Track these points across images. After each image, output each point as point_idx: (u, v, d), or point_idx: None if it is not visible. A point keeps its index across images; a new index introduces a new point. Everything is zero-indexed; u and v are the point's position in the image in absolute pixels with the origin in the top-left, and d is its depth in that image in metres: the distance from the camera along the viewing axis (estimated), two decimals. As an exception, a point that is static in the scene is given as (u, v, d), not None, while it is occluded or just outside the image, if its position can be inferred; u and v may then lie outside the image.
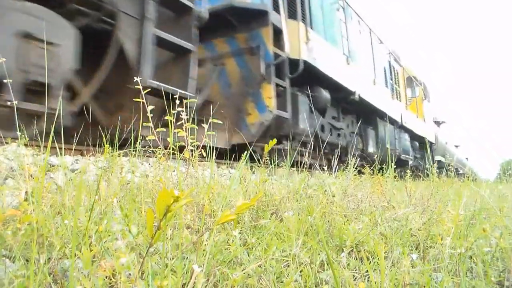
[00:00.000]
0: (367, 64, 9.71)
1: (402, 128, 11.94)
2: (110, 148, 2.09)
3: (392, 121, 10.77)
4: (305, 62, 6.31)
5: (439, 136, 17.22)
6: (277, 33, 6.08)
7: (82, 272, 0.92)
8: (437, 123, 18.00)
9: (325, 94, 7.24)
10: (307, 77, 6.67)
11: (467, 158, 22.69)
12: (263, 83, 5.78)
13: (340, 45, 8.19)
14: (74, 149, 2.70)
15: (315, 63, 6.61)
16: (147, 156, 3.29)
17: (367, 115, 9.80)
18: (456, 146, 21.75)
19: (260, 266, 1.11)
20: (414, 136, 13.24)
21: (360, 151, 8.80)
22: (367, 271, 1.22)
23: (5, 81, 1.62)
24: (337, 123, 8.19)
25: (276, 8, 6.15)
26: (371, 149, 9.50)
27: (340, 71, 7.73)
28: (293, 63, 6.25)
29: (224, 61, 6.24)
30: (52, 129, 1.37)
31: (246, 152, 1.84)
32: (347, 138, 8.52)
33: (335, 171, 2.89)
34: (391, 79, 11.66)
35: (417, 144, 13.74)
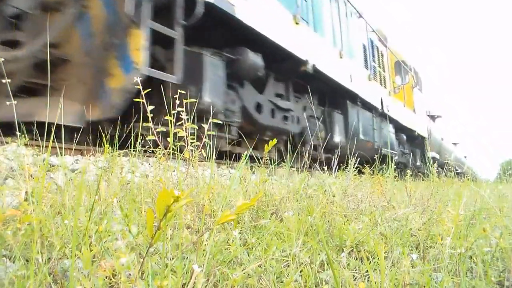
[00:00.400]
0: (333, 33, 7.54)
1: (384, 116, 9.84)
2: (110, 148, 2.10)
3: (370, 107, 8.92)
4: (213, 7, 4.27)
5: (433, 130, 15.64)
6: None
7: (82, 272, 0.92)
8: (432, 117, 16.52)
9: (255, 59, 5.13)
10: (230, 34, 4.95)
11: (465, 157, 21.85)
12: (130, 28, 3.85)
13: (292, 4, 6.06)
14: (74, 149, 2.70)
15: (234, 12, 4.53)
16: (147, 156, 3.29)
17: (333, 96, 7.81)
18: (454, 144, 20.58)
19: (260, 266, 1.11)
20: (401, 128, 11.37)
21: (323, 140, 6.81)
22: (367, 271, 1.22)
23: (3, 81, 1.61)
24: (284, 103, 6.11)
25: None
26: (337, 138, 7.50)
27: (285, 33, 5.62)
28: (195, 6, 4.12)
29: (89, 2, 4.29)
30: (53, 129, 1.36)
31: (247, 152, 1.83)
32: (302, 124, 6.52)
33: (335, 171, 2.89)
34: (373, 60, 9.74)
35: (405, 137, 11.83)
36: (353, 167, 2.77)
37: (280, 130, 5.93)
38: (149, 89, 1.77)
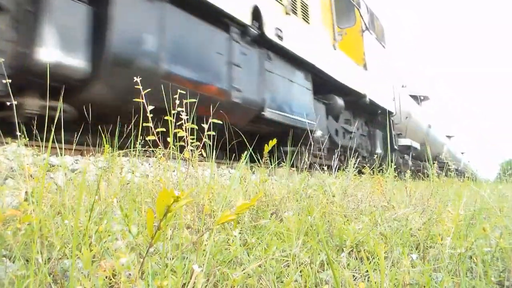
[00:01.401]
0: None
1: (273, 50, 5.34)
2: (110, 148, 2.10)
3: (221, 18, 4.45)
4: None
5: (414, 112, 12.10)
6: None
7: (82, 272, 0.92)
8: (416, 98, 13.60)
9: None
10: None
11: (462, 153, 20.36)
12: None
13: None
14: (74, 149, 2.70)
15: None
16: (147, 156, 3.29)
17: None
18: (449, 137, 18.30)
19: (260, 266, 1.11)
20: (335, 87, 7.08)
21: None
22: (367, 271, 1.22)
23: (4, 81, 1.61)
24: None
25: None
26: (52, 54, 2.90)
27: None
28: None
29: None
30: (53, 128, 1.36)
31: (246, 152, 1.83)
32: None
33: (335, 171, 2.88)
34: None
35: (342, 103, 7.29)
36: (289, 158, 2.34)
37: None
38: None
